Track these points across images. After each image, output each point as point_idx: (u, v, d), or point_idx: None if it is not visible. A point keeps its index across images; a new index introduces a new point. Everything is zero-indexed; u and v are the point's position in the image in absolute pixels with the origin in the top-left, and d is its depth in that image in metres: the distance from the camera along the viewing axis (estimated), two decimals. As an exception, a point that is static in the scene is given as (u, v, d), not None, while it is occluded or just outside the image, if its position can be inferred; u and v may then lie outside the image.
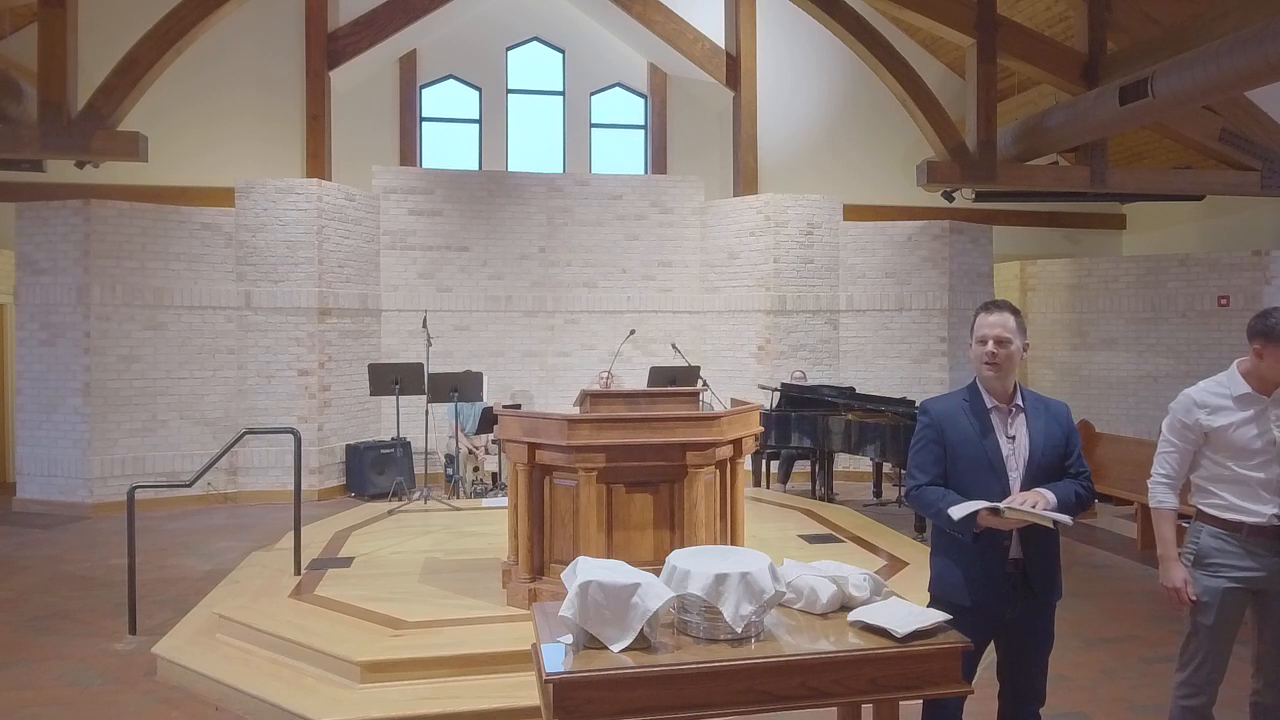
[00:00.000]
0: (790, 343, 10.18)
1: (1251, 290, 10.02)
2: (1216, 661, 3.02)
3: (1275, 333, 2.93)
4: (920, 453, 2.82)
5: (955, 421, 2.77)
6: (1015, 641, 2.80)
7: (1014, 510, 2.55)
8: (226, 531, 7.71)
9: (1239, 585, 2.99)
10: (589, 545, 4.32)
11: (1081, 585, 5.93)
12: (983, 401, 2.78)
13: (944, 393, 2.95)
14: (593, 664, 2.29)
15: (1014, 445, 2.74)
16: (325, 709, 3.82)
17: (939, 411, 2.81)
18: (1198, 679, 3.03)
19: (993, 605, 2.71)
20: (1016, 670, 2.82)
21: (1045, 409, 2.80)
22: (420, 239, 10.14)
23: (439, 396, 8.29)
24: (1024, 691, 2.82)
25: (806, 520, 7.14)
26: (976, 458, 2.72)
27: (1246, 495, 3.00)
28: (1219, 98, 7.64)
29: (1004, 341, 2.71)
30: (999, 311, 2.76)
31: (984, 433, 2.73)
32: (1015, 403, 2.78)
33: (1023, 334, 2.76)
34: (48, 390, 8.62)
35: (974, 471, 2.72)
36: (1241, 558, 2.99)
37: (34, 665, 4.65)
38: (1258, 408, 2.99)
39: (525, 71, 11.54)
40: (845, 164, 11.70)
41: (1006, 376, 2.76)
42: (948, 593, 2.79)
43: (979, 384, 2.81)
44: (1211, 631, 3.00)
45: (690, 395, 5.18)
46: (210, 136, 10.31)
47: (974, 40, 8.67)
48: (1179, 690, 3.08)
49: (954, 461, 2.76)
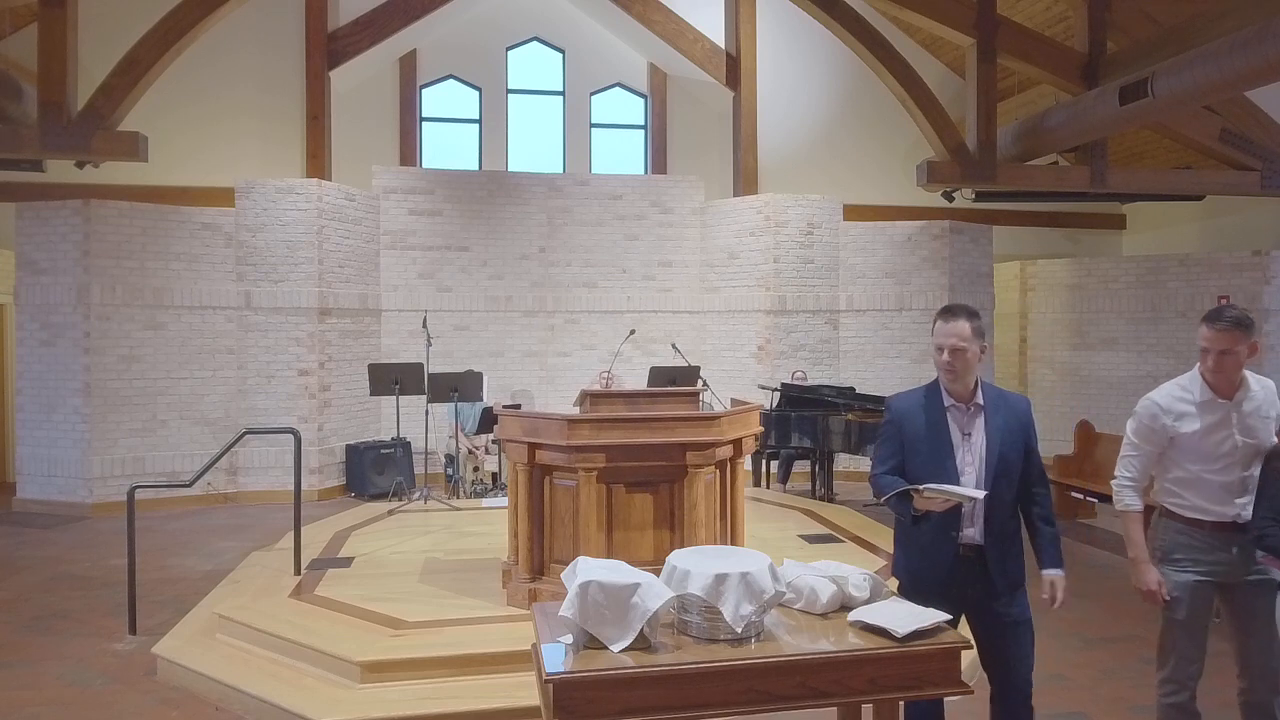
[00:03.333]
0: (790, 343, 10.18)
1: (1251, 290, 10.02)
2: (1193, 655, 3.06)
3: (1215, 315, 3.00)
4: (882, 445, 3.00)
5: (913, 418, 2.92)
6: (985, 629, 2.90)
7: (931, 489, 2.68)
8: (226, 531, 7.71)
9: (1206, 579, 3.06)
10: (589, 545, 4.32)
11: (1081, 585, 5.93)
12: (940, 400, 2.91)
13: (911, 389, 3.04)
14: (593, 664, 2.29)
15: (970, 443, 2.87)
16: (325, 709, 3.82)
17: (899, 408, 2.98)
18: (1178, 674, 3.07)
19: (944, 587, 2.82)
20: (995, 659, 2.90)
21: (1005, 405, 2.92)
22: (420, 239, 10.14)
23: (439, 396, 8.29)
24: (1004, 680, 2.89)
25: (806, 520, 7.14)
26: (929, 453, 2.86)
27: (1211, 497, 3.05)
28: (1219, 98, 7.65)
29: (958, 351, 2.83)
30: (954, 319, 2.85)
31: (939, 430, 2.87)
32: (975, 401, 2.89)
33: (980, 337, 2.86)
34: (48, 390, 8.62)
35: (927, 466, 2.84)
36: (1206, 552, 3.05)
37: (34, 665, 4.65)
38: (1221, 413, 3.01)
39: (525, 71, 11.54)
40: (845, 164, 11.69)
41: (964, 378, 2.88)
42: (900, 574, 3.00)
43: (940, 382, 2.94)
44: (1184, 625, 3.05)
45: (690, 395, 5.18)
46: (210, 136, 10.30)
47: (974, 40, 8.67)
48: (1162, 689, 3.12)
49: (910, 455, 2.90)
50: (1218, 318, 2.96)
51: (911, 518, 2.82)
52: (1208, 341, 2.98)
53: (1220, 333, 2.94)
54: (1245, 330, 2.94)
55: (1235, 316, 2.94)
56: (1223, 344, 2.94)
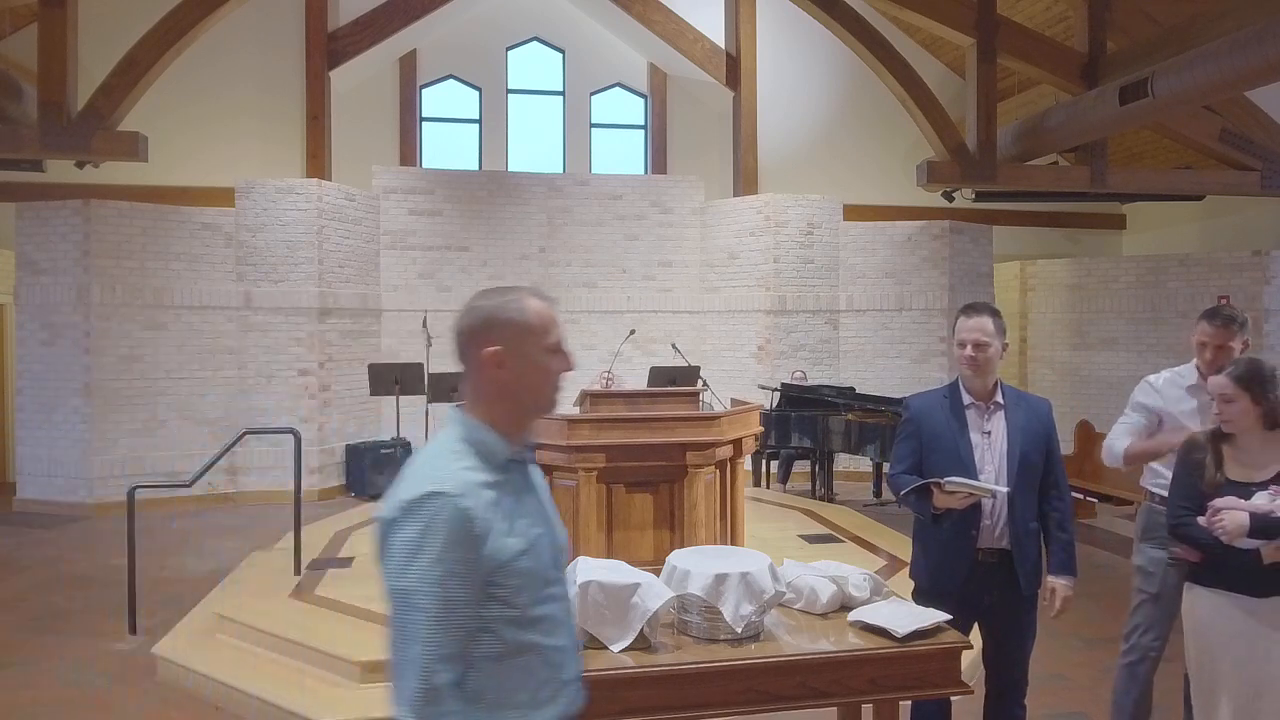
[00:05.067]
0: (790, 343, 10.18)
1: (1251, 290, 10.01)
2: (1159, 630, 3.28)
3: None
4: (900, 445, 3.01)
5: (932, 417, 2.92)
6: (997, 632, 2.90)
7: (953, 483, 2.67)
8: (226, 531, 7.71)
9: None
10: (589, 545, 4.32)
11: (1081, 585, 5.88)
12: (960, 399, 2.91)
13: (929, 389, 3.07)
14: (593, 664, 2.29)
15: (989, 441, 2.87)
16: (325, 709, 3.82)
17: (918, 407, 2.99)
18: (1143, 643, 3.29)
19: (961, 590, 2.80)
20: (997, 661, 2.92)
21: (1025, 406, 2.93)
22: (420, 239, 10.14)
23: (439, 396, 8.29)
24: (1003, 682, 2.92)
25: (806, 520, 7.14)
26: (948, 451, 2.85)
27: None
28: (1219, 98, 7.65)
29: (982, 345, 2.83)
30: (977, 315, 2.87)
31: (958, 428, 2.87)
32: (994, 400, 2.90)
33: (1002, 335, 2.89)
34: (48, 390, 8.62)
35: (945, 464, 2.83)
36: None
37: (34, 665, 4.65)
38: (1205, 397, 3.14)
39: (525, 71, 11.54)
40: (845, 164, 11.69)
41: (986, 376, 2.88)
42: (918, 575, 3.00)
43: (960, 382, 2.94)
44: (1156, 600, 3.27)
45: (690, 395, 5.19)
46: (210, 136, 10.30)
47: (974, 40, 8.67)
48: (1125, 654, 3.36)
49: (928, 454, 2.90)
50: (1215, 315, 3.19)
51: (931, 516, 2.80)
52: (1206, 336, 3.20)
53: (1219, 329, 3.16)
54: (1240, 328, 3.17)
55: (1231, 314, 3.18)
56: (1220, 339, 3.15)
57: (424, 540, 1.45)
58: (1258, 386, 2.68)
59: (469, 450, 1.58)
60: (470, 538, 1.47)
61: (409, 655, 1.44)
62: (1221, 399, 2.72)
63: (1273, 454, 2.70)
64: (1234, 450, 2.76)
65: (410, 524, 1.47)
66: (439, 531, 1.45)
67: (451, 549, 1.45)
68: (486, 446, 1.59)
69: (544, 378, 1.64)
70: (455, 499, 1.47)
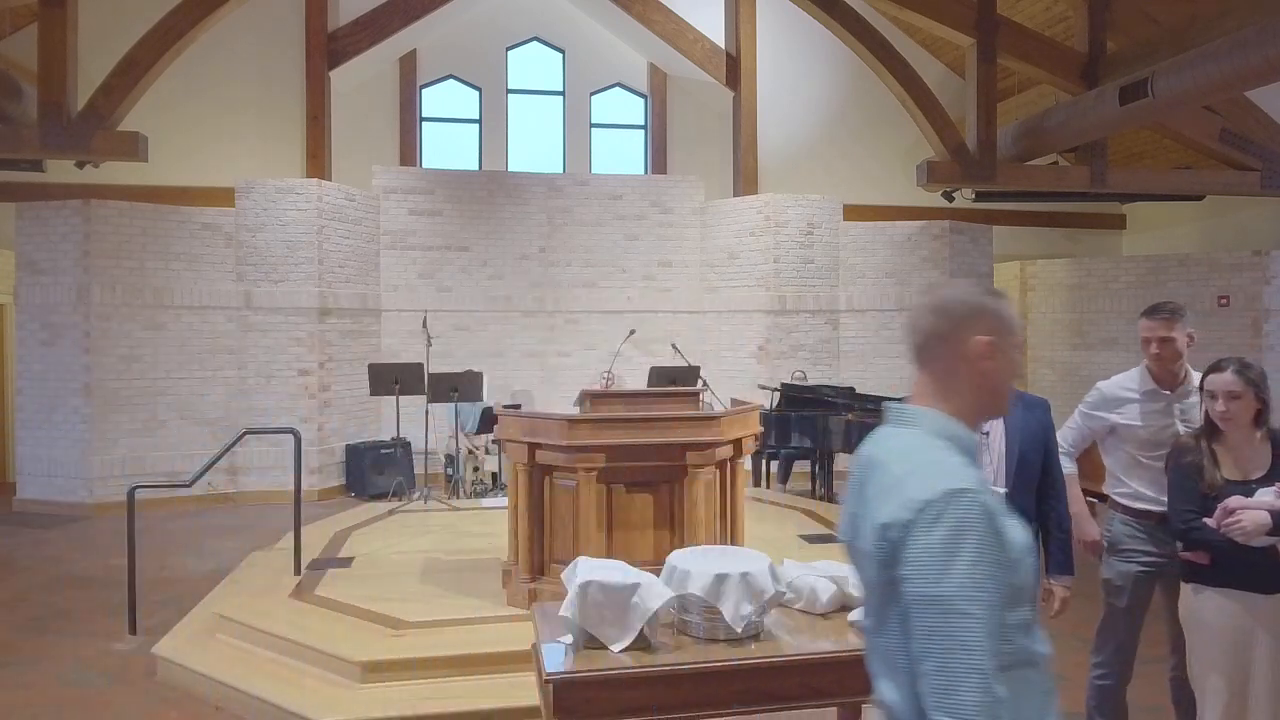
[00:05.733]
0: (790, 343, 10.18)
1: (1251, 290, 10.02)
2: (1129, 643, 3.30)
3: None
4: None
5: None
6: None
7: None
8: (226, 531, 7.70)
9: (1148, 570, 3.24)
10: (589, 545, 4.31)
11: (1081, 585, 5.92)
12: None
13: None
14: (593, 664, 2.29)
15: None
16: (325, 709, 3.82)
17: None
18: (1113, 660, 3.30)
19: None
20: None
21: (1024, 406, 2.95)
22: (420, 239, 10.14)
23: (439, 396, 8.29)
24: None
25: (806, 520, 7.14)
26: None
27: (1151, 484, 3.21)
28: (1219, 98, 7.65)
29: None
30: None
31: None
32: None
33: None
34: (48, 390, 8.62)
35: None
36: (1149, 543, 3.23)
37: (34, 665, 4.65)
38: (1163, 403, 3.20)
39: (525, 71, 11.54)
40: (845, 164, 11.69)
41: None
42: None
43: None
44: (1125, 614, 3.28)
45: (690, 395, 5.18)
46: (210, 136, 10.30)
47: (974, 40, 8.67)
48: (1094, 671, 3.37)
49: None
50: (1154, 310, 3.21)
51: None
52: (1148, 331, 3.20)
53: (1159, 321, 3.16)
54: (1180, 319, 3.16)
55: (1171, 307, 3.19)
56: (1162, 330, 3.15)
57: (959, 541, 1.33)
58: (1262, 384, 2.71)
59: (950, 445, 1.48)
60: (999, 536, 1.36)
61: (959, 667, 1.29)
62: (1228, 396, 2.71)
63: (1260, 451, 2.75)
64: (1224, 450, 2.77)
65: (937, 525, 1.35)
66: (973, 530, 1.34)
67: (987, 549, 1.34)
68: (962, 442, 1.49)
69: (1012, 376, 1.59)
70: (978, 495, 1.37)
